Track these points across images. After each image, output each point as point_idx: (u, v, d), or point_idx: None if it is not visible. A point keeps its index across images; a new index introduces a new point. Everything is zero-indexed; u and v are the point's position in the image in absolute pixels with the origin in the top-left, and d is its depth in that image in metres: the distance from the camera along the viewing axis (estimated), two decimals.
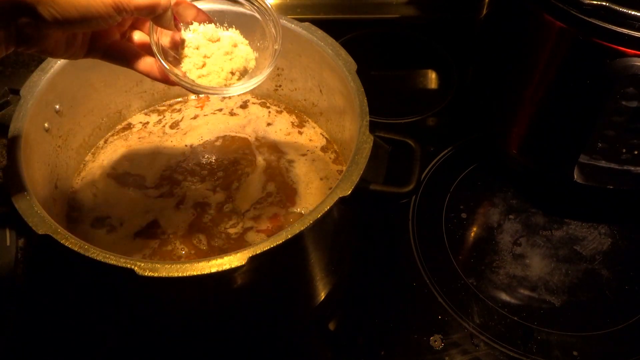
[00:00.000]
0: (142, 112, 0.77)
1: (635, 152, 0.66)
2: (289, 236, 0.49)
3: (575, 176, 0.70)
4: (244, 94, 0.79)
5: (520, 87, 0.71)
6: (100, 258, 0.48)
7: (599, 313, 0.69)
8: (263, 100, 0.79)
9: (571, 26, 0.60)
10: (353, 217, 0.67)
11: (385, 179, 0.61)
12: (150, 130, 0.75)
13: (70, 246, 0.48)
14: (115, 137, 0.74)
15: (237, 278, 0.53)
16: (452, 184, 0.81)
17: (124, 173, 0.70)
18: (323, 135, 0.75)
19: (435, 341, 0.65)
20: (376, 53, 1.01)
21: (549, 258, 0.73)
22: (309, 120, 0.77)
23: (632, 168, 0.67)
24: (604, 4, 0.57)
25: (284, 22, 0.69)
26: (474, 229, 0.77)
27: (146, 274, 0.47)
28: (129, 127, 0.76)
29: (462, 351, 0.65)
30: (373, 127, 0.59)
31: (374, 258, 0.73)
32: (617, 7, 0.57)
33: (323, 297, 0.67)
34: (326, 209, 0.51)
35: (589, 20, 0.58)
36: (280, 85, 0.78)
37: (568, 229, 0.76)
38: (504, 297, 0.69)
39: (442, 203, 0.79)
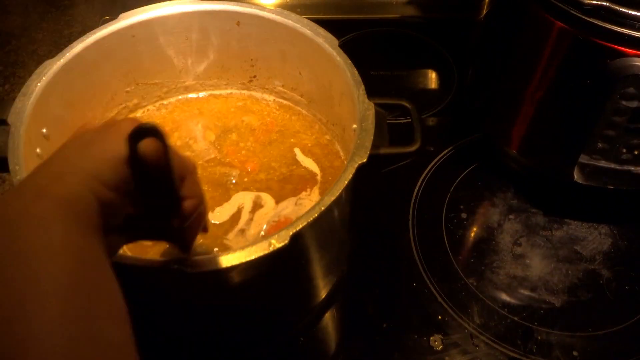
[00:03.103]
0: None
1: (635, 152, 0.66)
2: (322, 208, 0.50)
3: (575, 176, 0.70)
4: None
5: (520, 87, 0.71)
6: (143, 263, 0.47)
7: (599, 313, 0.68)
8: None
9: (571, 26, 0.60)
10: (353, 216, 0.67)
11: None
12: None
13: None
14: None
15: (235, 276, 0.53)
16: (452, 184, 0.81)
17: None
18: (308, 119, 0.75)
19: (435, 341, 0.65)
20: (376, 53, 1.01)
21: (549, 258, 0.73)
22: (292, 105, 0.76)
23: (632, 168, 0.67)
24: (604, 4, 0.57)
25: (254, 10, 0.69)
26: (474, 229, 0.77)
27: (194, 270, 0.46)
28: None
29: (462, 351, 0.65)
30: None
31: (374, 258, 0.73)
32: (617, 7, 0.57)
33: (323, 297, 0.67)
34: (350, 177, 0.52)
35: (589, 20, 0.58)
36: (255, 76, 0.76)
37: (568, 229, 0.76)
38: (504, 297, 0.69)
39: (442, 203, 0.79)
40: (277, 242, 0.47)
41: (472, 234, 0.76)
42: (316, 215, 0.49)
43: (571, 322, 0.67)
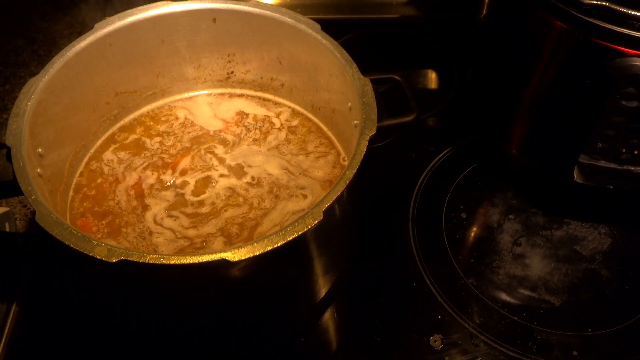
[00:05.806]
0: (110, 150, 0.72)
1: (635, 152, 0.66)
2: (347, 182, 0.51)
3: (575, 176, 0.70)
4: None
5: (520, 87, 0.71)
6: (193, 261, 0.46)
7: (599, 313, 0.69)
8: (229, 90, 0.78)
9: (571, 26, 0.60)
10: (353, 215, 0.67)
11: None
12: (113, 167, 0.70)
13: (152, 262, 0.46)
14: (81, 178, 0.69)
15: (236, 271, 0.53)
16: (452, 184, 0.81)
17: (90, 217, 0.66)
18: (290, 107, 0.75)
19: (435, 341, 0.65)
20: (376, 53, 1.01)
21: (549, 258, 0.73)
22: (273, 96, 0.76)
23: (632, 168, 0.68)
24: (604, 4, 0.57)
25: (230, 5, 0.68)
26: (474, 229, 0.77)
27: (236, 259, 0.46)
28: (98, 169, 0.70)
29: (462, 351, 0.65)
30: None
31: (374, 258, 0.73)
32: (617, 7, 0.57)
33: (322, 296, 0.67)
34: (364, 150, 0.53)
35: (589, 20, 0.58)
36: (232, 72, 0.76)
37: (568, 229, 0.76)
38: (504, 297, 0.70)
39: (442, 203, 0.79)
40: (312, 220, 0.48)
41: (472, 234, 0.76)
42: (343, 188, 0.50)
43: (571, 322, 0.68)
